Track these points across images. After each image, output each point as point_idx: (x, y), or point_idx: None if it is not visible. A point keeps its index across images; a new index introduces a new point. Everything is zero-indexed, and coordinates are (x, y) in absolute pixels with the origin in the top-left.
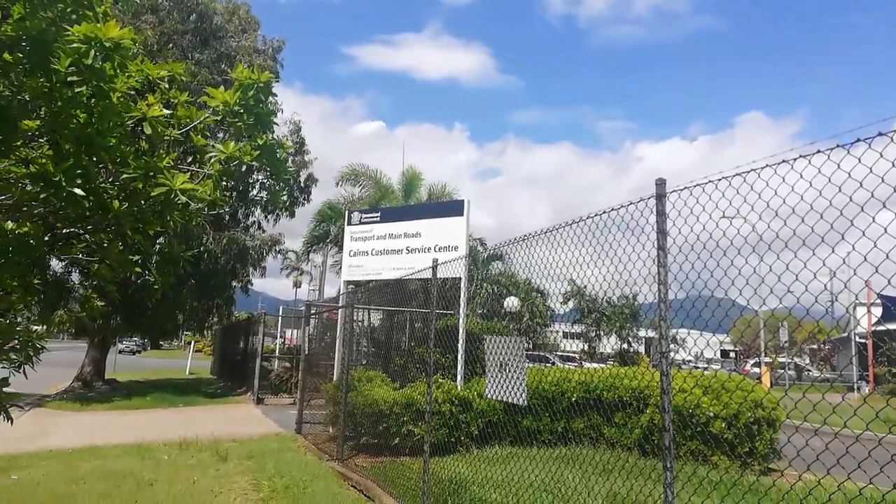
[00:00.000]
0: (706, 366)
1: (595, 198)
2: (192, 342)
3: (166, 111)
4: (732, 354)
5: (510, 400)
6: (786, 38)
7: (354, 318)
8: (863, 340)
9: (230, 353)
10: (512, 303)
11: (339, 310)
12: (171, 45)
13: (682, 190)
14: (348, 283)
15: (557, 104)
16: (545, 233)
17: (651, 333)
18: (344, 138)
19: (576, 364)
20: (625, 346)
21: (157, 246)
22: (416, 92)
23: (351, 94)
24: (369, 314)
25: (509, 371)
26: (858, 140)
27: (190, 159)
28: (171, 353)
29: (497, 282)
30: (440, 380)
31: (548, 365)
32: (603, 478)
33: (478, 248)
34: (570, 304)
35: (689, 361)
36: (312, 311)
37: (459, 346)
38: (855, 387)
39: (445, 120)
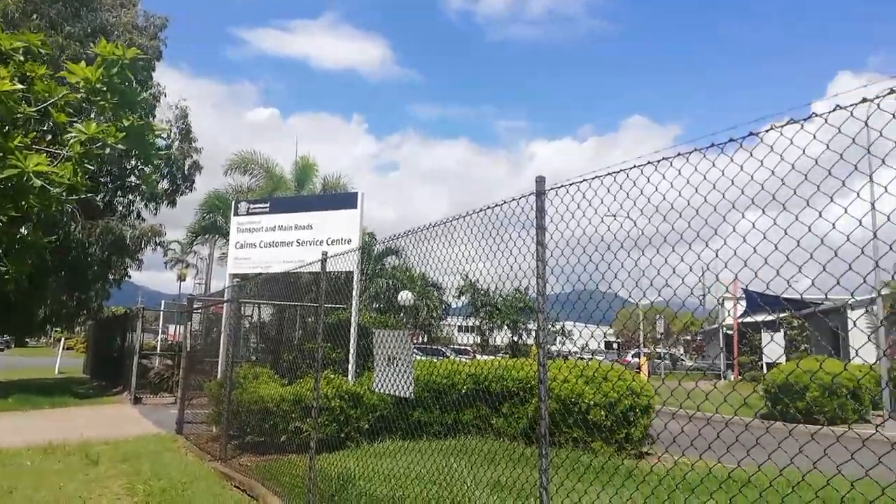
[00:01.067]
0: (591, 356)
1: (496, 194)
2: (63, 339)
3: (20, 86)
4: (615, 346)
5: (398, 393)
6: (672, 47)
7: (242, 313)
8: (730, 332)
9: (105, 350)
10: (406, 297)
11: (224, 304)
12: (35, 15)
13: (559, 188)
14: (234, 276)
15: (455, 100)
16: (432, 227)
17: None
18: (234, 125)
19: (468, 357)
20: (515, 338)
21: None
22: (312, 81)
23: (243, 79)
24: (259, 309)
25: (397, 364)
26: (731, 140)
27: (49, 139)
28: (38, 350)
29: (392, 276)
30: (330, 375)
31: (441, 358)
32: (489, 467)
33: (373, 242)
34: (464, 298)
35: (576, 352)
36: (196, 306)
37: (351, 340)
38: (722, 374)
39: (344, 111)
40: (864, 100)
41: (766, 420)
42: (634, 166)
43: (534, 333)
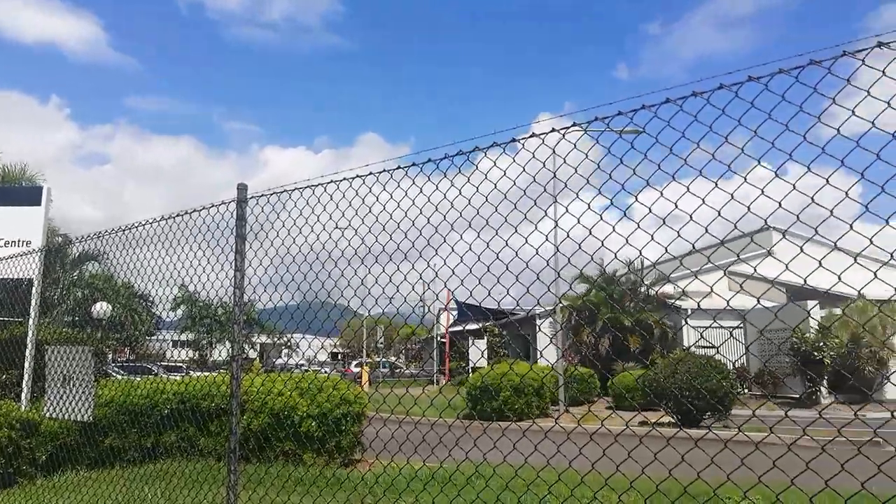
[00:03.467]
0: (319, 368)
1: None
2: None
3: None
4: (339, 356)
5: (73, 417)
6: (404, 73)
7: None
8: (443, 340)
9: None
10: (101, 308)
11: None
12: None
13: (259, 196)
14: None
15: (181, 95)
16: (131, 228)
17: (265, 339)
18: None
19: (181, 374)
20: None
21: None
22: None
23: None
24: None
25: (74, 385)
26: (430, 160)
27: None
28: None
29: (92, 285)
30: None
31: (149, 376)
32: (190, 490)
33: (60, 244)
34: (181, 310)
35: (302, 365)
36: None
37: (27, 359)
38: (435, 380)
39: (40, 92)
40: (534, 135)
41: (466, 420)
42: (331, 181)
43: (259, 347)
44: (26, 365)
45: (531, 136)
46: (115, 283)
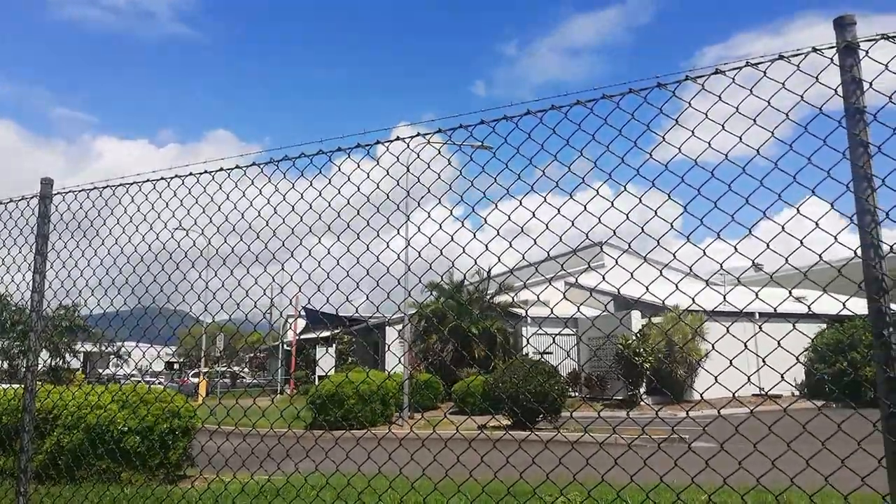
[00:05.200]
0: (152, 379)
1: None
2: None
3: None
4: (176, 366)
5: None
6: (255, 68)
7: None
8: (289, 347)
9: None
10: None
11: None
12: None
13: (66, 193)
14: None
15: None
16: None
17: (89, 347)
18: None
19: None
20: (58, 361)
21: None
22: None
23: None
24: None
25: None
26: (287, 158)
27: None
28: None
29: None
30: None
31: None
32: None
33: None
34: None
35: (134, 375)
36: None
37: None
38: (280, 389)
39: None
40: (399, 138)
41: (313, 430)
42: (148, 180)
43: (82, 356)
44: None
45: (395, 140)
46: None
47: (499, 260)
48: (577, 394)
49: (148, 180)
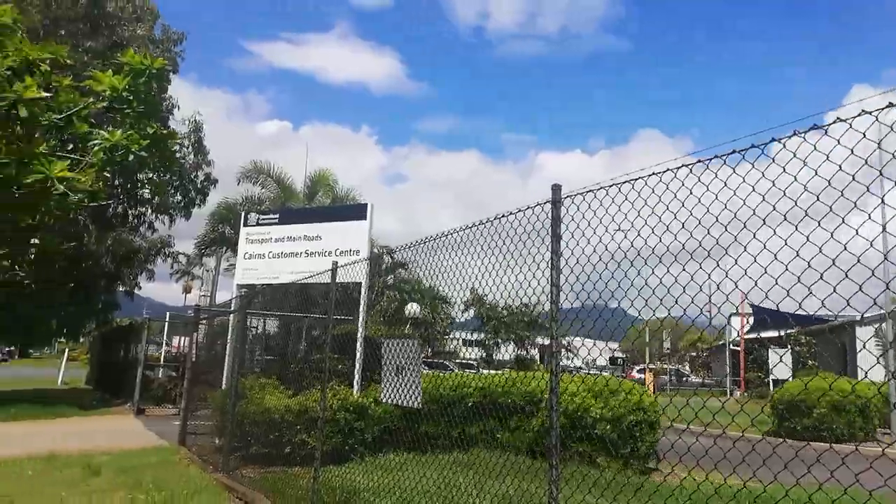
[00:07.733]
0: (598, 372)
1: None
2: (67, 350)
3: (45, 94)
4: (620, 361)
5: (405, 404)
6: (680, 61)
7: (248, 323)
8: (736, 348)
9: (109, 361)
10: (413, 309)
11: (231, 314)
12: (61, 31)
13: (575, 195)
14: (241, 286)
15: (465, 113)
16: (442, 237)
17: (545, 341)
18: (244, 136)
19: (473, 371)
20: (522, 352)
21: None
22: (322, 94)
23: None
24: (265, 320)
25: (405, 375)
26: (754, 146)
27: (70, 147)
28: (42, 361)
29: (400, 289)
30: (336, 387)
31: (446, 372)
32: (495, 480)
33: (383, 255)
34: (471, 312)
35: (581, 368)
36: (202, 316)
37: (357, 352)
38: (729, 391)
39: (352, 122)
40: (863, 112)
41: (772, 437)
42: (653, 173)
43: (538, 348)
44: (357, 357)
45: (860, 115)
46: (421, 286)
47: None
48: None
49: (627, 181)
